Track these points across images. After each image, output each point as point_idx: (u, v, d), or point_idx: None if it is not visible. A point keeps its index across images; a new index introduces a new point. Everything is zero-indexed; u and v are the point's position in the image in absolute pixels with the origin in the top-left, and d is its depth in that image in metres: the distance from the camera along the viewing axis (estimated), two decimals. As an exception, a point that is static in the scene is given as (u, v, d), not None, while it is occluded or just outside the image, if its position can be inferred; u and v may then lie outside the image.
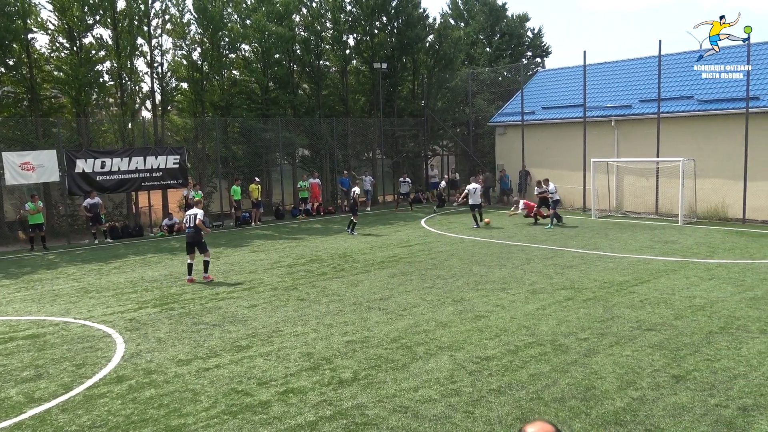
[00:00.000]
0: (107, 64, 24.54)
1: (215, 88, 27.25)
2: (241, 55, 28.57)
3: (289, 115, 29.06)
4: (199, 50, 26.60)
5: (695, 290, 12.04)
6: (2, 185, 21.22)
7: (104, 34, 24.50)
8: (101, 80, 24.28)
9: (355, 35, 31.83)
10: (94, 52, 23.94)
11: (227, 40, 26.87)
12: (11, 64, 22.63)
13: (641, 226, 21.16)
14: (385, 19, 31.81)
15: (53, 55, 23.96)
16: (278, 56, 28.66)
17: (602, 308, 10.98)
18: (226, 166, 26.78)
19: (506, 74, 36.54)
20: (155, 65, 25.61)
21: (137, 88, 25.57)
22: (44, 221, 20.78)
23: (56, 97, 25.16)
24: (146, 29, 24.94)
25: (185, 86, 27.08)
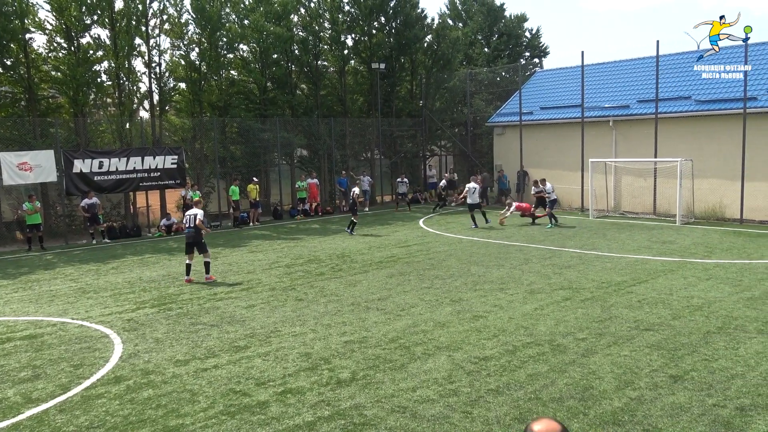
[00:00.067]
0: (105, 64, 24.51)
1: (213, 88, 27.23)
2: (239, 55, 28.55)
3: (287, 115, 29.06)
4: (197, 50, 26.57)
5: (693, 290, 12.06)
6: (0, 185, 21.18)
7: (102, 34, 24.56)
8: (99, 80, 24.25)
9: (353, 35, 31.84)
10: (91, 52, 23.89)
11: (225, 40, 26.84)
12: (9, 64, 22.58)
13: (639, 226, 21.18)
14: (383, 19, 31.82)
15: (51, 55, 23.92)
16: (276, 56, 28.64)
17: (600, 308, 10.99)
18: (224, 166, 26.77)
19: (504, 74, 36.56)
20: (153, 65, 25.59)
21: (135, 88, 25.54)
22: (42, 221, 20.76)
23: (54, 97, 25.12)
24: (144, 29, 24.90)
25: (183, 86, 27.07)
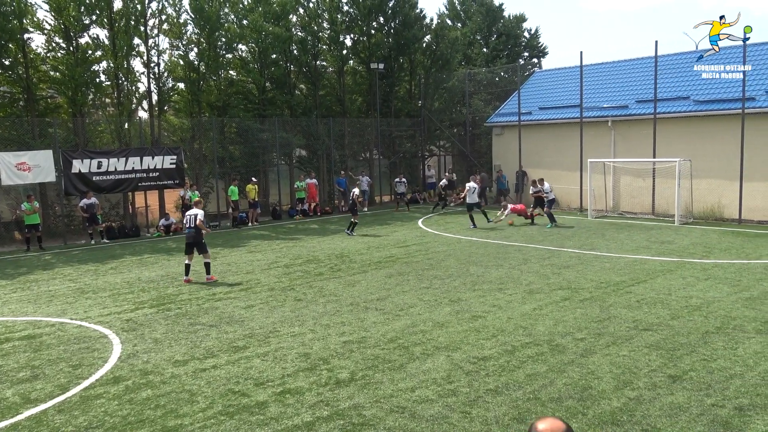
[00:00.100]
0: (104, 64, 24.48)
1: (212, 88, 27.22)
2: (237, 55, 28.54)
3: (286, 115, 29.05)
4: (195, 50, 26.56)
5: (692, 290, 12.07)
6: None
7: (101, 34, 24.48)
8: (98, 80, 24.22)
9: (352, 35, 31.83)
10: (90, 52, 23.88)
11: (224, 40, 26.83)
12: (7, 64, 22.56)
13: (638, 226, 21.20)
14: (382, 19, 31.81)
15: (49, 55, 23.90)
16: (275, 56, 28.63)
17: (599, 308, 10.99)
18: (222, 166, 26.76)
19: (503, 75, 36.59)
20: (152, 65, 25.57)
21: (134, 88, 25.52)
22: (40, 222, 20.75)
23: (52, 97, 25.10)
24: (143, 29, 24.89)
25: (182, 86, 27.05)
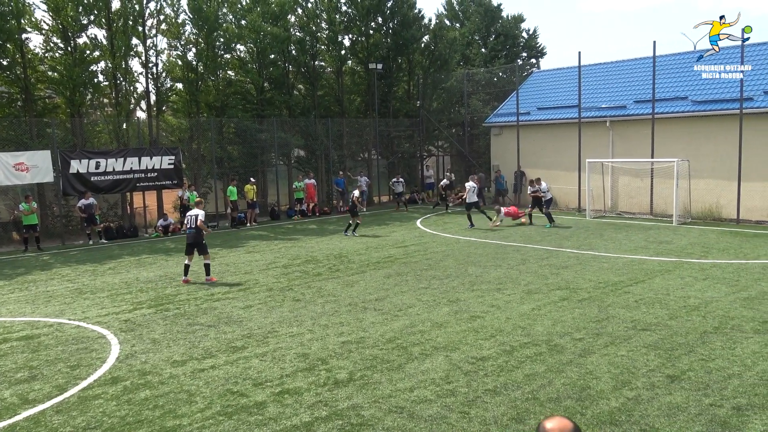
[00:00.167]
0: (102, 64, 24.43)
1: (210, 88, 27.19)
2: (236, 55, 28.50)
3: (284, 115, 29.03)
4: (194, 50, 26.52)
5: (690, 290, 12.08)
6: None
7: (99, 34, 24.35)
8: (96, 80, 24.16)
9: (350, 36, 31.83)
10: (88, 52, 23.83)
11: (222, 40, 26.80)
12: (5, 64, 22.50)
13: (636, 226, 21.22)
14: (380, 19, 31.81)
15: (47, 55, 23.85)
16: (273, 57, 28.62)
17: (597, 308, 11.00)
18: (221, 166, 26.74)
19: (501, 75, 36.64)
20: (150, 65, 25.53)
21: (132, 88, 25.47)
22: (38, 222, 20.70)
23: (50, 97, 25.04)
24: (141, 29, 24.85)
25: (180, 86, 27.01)
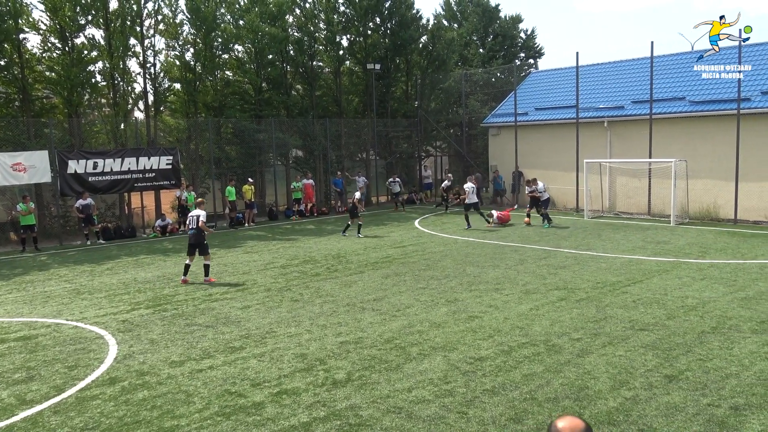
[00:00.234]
0: (99, 64, 24.42)
1: (208, 88, 27.18)
2: (234, 55, 28.50)
3: (282, 115, 29.02)
4: (191, 51, 26.52)
5: (687, 290, 12.10)
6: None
7: (96, 34, 24.42)
8: (93, 81, 24.15)
9: (348, 36, 31.84)
10: (86, 52, 23.82)
11: (220, 40, 26.80)
12: (2, 64, 22.47)
13: (634, 226, 21.24)
14: (378, 20, 31.83)
15: (45, 55, 23.83)
16: (271, 57, 28.60)
17: (595, 308, 11.01)
18: (219, 167, 26.72)
19: (499, 75, 36.64)
20: (148, 66, 25.51)
21: (130, 88, 25.47)
22: (36, 222, 20.67)
23: (48, 97, 25.01)
24: (139, 29, 24.83)
25: (178, 87, 26.99)
